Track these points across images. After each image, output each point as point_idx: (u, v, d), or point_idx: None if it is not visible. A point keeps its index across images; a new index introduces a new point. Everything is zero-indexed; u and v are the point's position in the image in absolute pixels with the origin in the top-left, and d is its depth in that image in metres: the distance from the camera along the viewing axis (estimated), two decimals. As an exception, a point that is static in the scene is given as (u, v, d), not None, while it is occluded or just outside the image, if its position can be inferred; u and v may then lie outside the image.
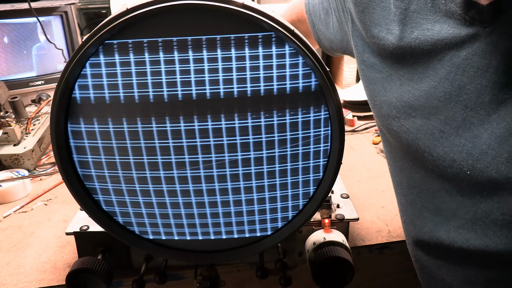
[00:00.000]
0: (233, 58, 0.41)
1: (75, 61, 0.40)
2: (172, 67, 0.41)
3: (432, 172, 0.42)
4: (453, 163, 0.39)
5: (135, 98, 0.42)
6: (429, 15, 0.40)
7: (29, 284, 0.56)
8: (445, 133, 0.39)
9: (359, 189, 0.78)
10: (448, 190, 0.40)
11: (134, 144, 0.44)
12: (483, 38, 0.36)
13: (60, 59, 1.14)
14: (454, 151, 0.38)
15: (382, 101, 0.46)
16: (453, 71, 0.38)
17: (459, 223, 0.39)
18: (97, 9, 1.41)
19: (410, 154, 0.44)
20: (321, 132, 0.46)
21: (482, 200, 0.37)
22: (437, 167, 0.40)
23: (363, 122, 1.06)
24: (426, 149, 0.41)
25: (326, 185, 0.48)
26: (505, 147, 0.35)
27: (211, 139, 0.44)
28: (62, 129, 0.44)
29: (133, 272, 0.57)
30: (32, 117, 0.94)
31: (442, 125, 0.39)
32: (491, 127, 0.36)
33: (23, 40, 1.08)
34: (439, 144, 0.40)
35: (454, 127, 0.38)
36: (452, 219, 0.40)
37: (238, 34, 0.40)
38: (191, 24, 0.40)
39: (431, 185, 0.42)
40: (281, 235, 0.51)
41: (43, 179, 0.84)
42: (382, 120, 0.47)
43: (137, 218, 0.49)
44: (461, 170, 0.38)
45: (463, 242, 0.39)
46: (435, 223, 0.42)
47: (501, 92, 0.35)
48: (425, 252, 0.45)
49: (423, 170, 0.43)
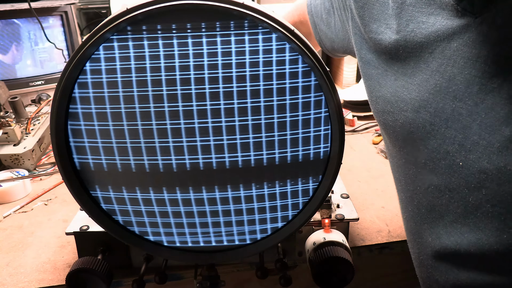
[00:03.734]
0: (232, 53, 0.41)
1: (75, 61, 0.40)
2: (172, 61, 0.41)
3: (423, 167, 0.42)
4: (446, 155, 0.39)
5: (134, 97, 0.42)
6: (423, 8, 0.41)
7: (29, 284, 0.56)
8: (435, 125, 0.40)
9: (359, 189, 0.78)
10: (437, 185, 0.41)
11: (134, 144, 0.44)
12: (474, 28, 0.36)
13: (60, 59, 1.14)
14: (447, 143, 0.39)
15: (378, 97, 0.47)
16: (444, 63, 0.39)
17: (453, 217, 0.40)
18: (97, 9, 1.41)
19: (404, 149, 0.45)
20: (321, 132, 0.46)
21: (470, 194, 0.38)
22: (430, 161, 0.41)
23: (363, 122, 1.06)
24: (421, 142, 0.41)
25: (326, 185, 0.48)
26: (496, 137, 0.35)
27: (211, 138, 0.44)
28: (62, 129, 0.44)
29: (133, 272, 0.57)
30: (32, 117, 0.94)
31: (432, 118, 0.40)
32: (480, 117, 0.36)
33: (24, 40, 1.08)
34: (431, 137, 0.40)
35: (444, 119, 0.39)
36: (446, 214, 0.41)
37: (237, 31, 0.40)
38: (190, 23, 0.40)
39: (423, 182, 0.43)
40: (281, 235, 0.51)
41: (43, 179, 0.84)
42: (379, 116, 0.48)
43: (137, 217, 0.49)
44: (454, 161, 0.38)
45: (458, 236, 0.39)
46: (433, 219, 0.43)
47: (489, 81, 0.36)
48: (424, 249, 0.45)
49: (414, 167, 0.43)
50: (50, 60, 1.13)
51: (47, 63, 1.12)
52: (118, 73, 0.42)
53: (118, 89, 0.42)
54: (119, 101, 0.42)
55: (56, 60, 1.14)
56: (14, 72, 1.08)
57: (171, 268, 0.57)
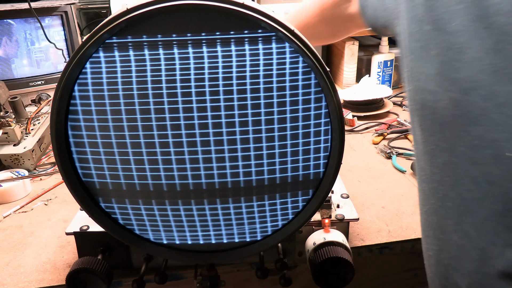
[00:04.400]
0: (233, 55, 0.41)
1: (75, 61, 0.40)
2: (172, 63, 0.41)
3: (459, 156, 0.38)
4: (492, 143, 0.35)
5: (134, 95, 0.42)
6: None
7: (29, 284, 0.56)
8: (486, 110, 0.36)
9: (359, 189, 0.78)
10: (474, 177, 0.37)
11: (134, 141, 0.44)
12: None
13: (57, 59, 1.14)
14: (496, 130, 0.35)
15: (420, 73, 0.42)
16: (501, 40, 0.35)
17: (486, 214, 0.37)
18: (97, 9, 1.40)
19: (439, 134, 0.41)
20: (321, 132, 0.46)
21: None
22: (471, 149, 0.37)
23: (363, 122, 1.06)
24: (463, 127, 0.38)
25: (326, 185, 0.48)
26: None
27: (211, 137, 0.44)
28: (62, 129, 0.44)
29: (133, 272, 0.57)
30: (32, 117, 0.94)
31: (483, 101, 0.36)
32: None
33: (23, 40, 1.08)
34: (478, 122, 0.36)
35: (497, 104, 0.35)
36: (478, 210, 0.37)
37: (238, 32, 0.40)
38: (190, 23, 0.40)
39: (455, 172, 0.39)
40: (281, 235, 0.51)
41: (43, 179, 0.84)
42: (417, 94, 0.43)
43: (137, 217, 0.49)
44: (501, 151, 0.35)
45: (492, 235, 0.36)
46: (461, 215, 0.39)
47: None
48: (447, 247, 0.42)
49: (447, 155, 0.40)
50: (46, 59, 1.13)
51: (43, 62, 1.12)
52: (118, 73, 0.42)
53: (117, 88, 0.42)
54: (119, 100, 0.42)
55: (52, 59, 1.14)
56: (9, 67, 1.08)
57: (171, 268, 0.57)
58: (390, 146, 0.93)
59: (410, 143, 0.96)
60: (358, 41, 1.28)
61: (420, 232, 0.64)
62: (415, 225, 0.66)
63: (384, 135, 1.00)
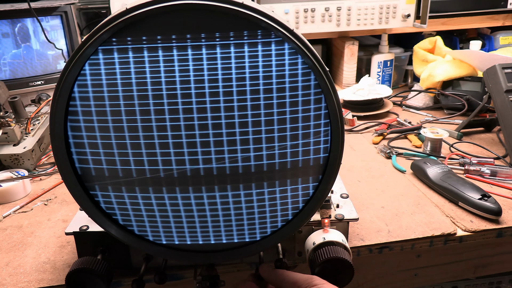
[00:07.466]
0: (232, 57, 0.41)
1: (74, 61, 0.40)
2: (171, 65, 0.41)
3: None
4: None
5: (134, 96, 0.42)
6: None
7: (29, 284, 0.56)
8: None
9: (359, 189, 0.78)
10: None
11: (134, 142, 0.44)
12: None
13: (60, 59, 1.14)
14: None
15: None
16: None
17: None
18: (97, 9, 1.40)
19: None
20: (321, 132, 0.46)
21: None
22: None
23: (363, 122, 1.06)
24: None
25: (326, 185, 0.48)
26: None
27: (211, 136, 0.44)
28: (61, 129, 0.44)
29: (133, 272, 0.57)
30: (32, 117, 0.94)
31: None
32: None
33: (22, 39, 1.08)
34: None
35: None
36: None
37: (237, 33, 0.40)
38: (190, 23, 0.40)
39: None
40: (281, 235, 0.51)
41: (43, 179, 0.84)
42: None
43: (136, 217, 0.49)
44: None
45: None
46: None
47: None
48: None
49: None
50: (46, 59, 1.13)
51: (43, 62, 1.12)
52: (117, 75, 0.42)
53: (117, 89, 0.42)
54: (118, 100, 0.42)
55: (52, 59, 1.14)
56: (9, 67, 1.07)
57: (170, 268, 0.57)
58: (390, 146, 0.93)
59: (410, 143, 0.96)
60: (358, 41, 1.28)
61: (419, 232, 0.64)
62: (414, 225, 0.66)
63: (384, 135, 1.00)
